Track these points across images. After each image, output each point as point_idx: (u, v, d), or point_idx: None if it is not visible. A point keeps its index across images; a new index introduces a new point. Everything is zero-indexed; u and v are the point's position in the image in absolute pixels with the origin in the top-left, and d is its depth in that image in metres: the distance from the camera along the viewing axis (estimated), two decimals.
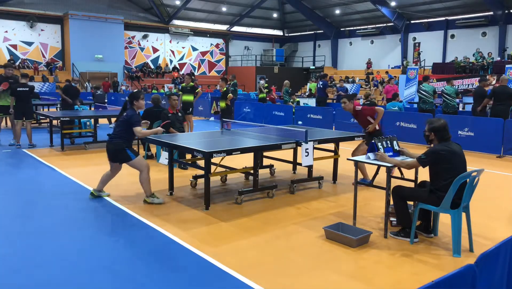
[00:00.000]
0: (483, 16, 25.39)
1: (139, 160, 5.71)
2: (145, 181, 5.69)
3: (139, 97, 5.80)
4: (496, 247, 2.60)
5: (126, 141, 5.71)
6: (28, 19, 27.18)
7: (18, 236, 4.61)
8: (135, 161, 5.67)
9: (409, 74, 20.84)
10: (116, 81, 27.66)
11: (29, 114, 10.05)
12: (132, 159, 5.66)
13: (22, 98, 9.77)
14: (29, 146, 10.00)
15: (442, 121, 4.36)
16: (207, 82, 32.11)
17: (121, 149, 5.64)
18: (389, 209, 4.70)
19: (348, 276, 3.78)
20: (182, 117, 8.87)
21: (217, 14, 33.43)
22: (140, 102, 5.81)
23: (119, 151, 5.65)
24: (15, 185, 6.78)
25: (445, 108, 12.03)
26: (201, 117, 18.61)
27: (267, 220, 5.23)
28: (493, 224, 5.23)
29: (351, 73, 31.22)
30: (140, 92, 5.93)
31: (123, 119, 5.72)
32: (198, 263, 3.98)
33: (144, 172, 5.67)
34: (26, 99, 9.86)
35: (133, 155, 5.67)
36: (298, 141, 6.07)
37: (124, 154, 5.65)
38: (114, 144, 5.69)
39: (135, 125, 5.61)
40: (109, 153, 5.78)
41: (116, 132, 5.74)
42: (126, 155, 5.65)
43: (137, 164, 5.69)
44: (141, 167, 5.68)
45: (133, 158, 5.66)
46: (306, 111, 14.62)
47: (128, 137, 5.71)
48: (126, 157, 5.66)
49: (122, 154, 5.65)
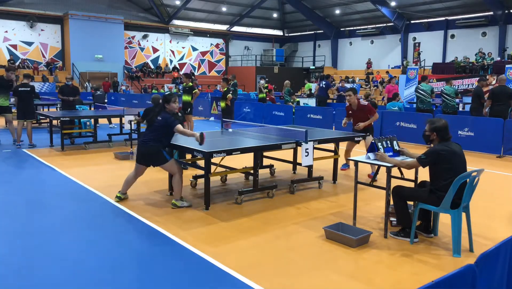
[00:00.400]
0: (483, 16, 25.39)
1: (174, 163, 5.73)
2: (177, 183, 5.70)
3: (170, 100, 5.82)
4: (496, 247, 2.59)
5: (162, 143, 5.69)
6: (28, 19, 27.17)
7: (18, 236, 4.61)
8: (170, 163, 5.68)
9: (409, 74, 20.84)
10: (116, 81, 27.66)
11: (31, 114, 10.08)
12: (168, 161, 5.66)
13: (24, 98, 9.80)
14: (29, 146, 10.00)
15: (443, 121, 4.36)
16: (207, 82, 32.11)
17: (158, 151, 5.62)
18: (389, 209, 4.70)
19: (348, 276, 3.78)
20: (182, 117, 8.86)
21: (217, 14, 33.43)
22: (172, 105, 5.83)
23: (156, 153, 5.62)
24: (15, 185, 6.78)
25: (445, 109, 12.02)
26: (201, 117, 18.61)
27: (267, 220, 5.23)
28: (493, 224, 5.23)
29: (351, 73, 31.22)
30: (172, 96, 5.93)
31: (158, 124, 5.69)
32: (198, 263, 3.98)
33: (177, 175, 5.69)
34: (27, 99, 9.88)
35: (169, 157, 5.69)
36: (298, 141, 6.07)
37: (161, 156, 5.63)
38: (150, 147, 5.63)
39: (175, 124, 5.62)
40: (143, 156, 5.73)
41: (151, 136, 5.69)
42: (163, 157, 5.63)
43: (172, 166, 5.70)
44: (175, 169, 5.70)
45: (169, 160, 5.66)
46: (306, 111, 14.62)
47: (164, 141, 5.70)
48: (163, 159, 5.64)
49: (159, 156, 5.63)
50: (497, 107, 10.44)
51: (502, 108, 10.39)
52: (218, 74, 35.00)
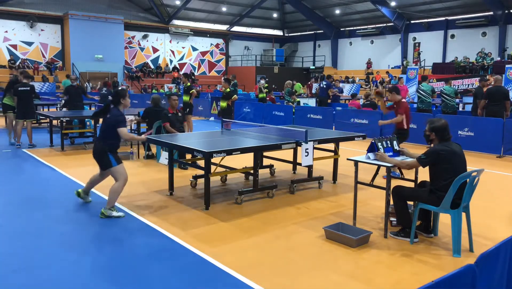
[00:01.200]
0: (483, 16, 25.39)
1: (120, 169, 5.21)
2: (116, 191, 5.17)
3: (125, 95, 5.37)
4: (496, 247, 2.59)
5: (110, 145, 5.23)
6: (28, 19, 27.17)
7: (18, 236, 4.61)
8: (116, 168, 5.19)
9: (409, 74, 20.86)
10: (116, 81, 27.66)
11: (31, 114, 10.09)
12: (112, 166, 5.18)
13: (23, 98, 9.80)
14: (29, 146, 10.00)
15: (443, 121, 4.36)
16: (207, 82, 32.11)
17: (103, 153, 5.19)
18: (389, 209, 4.70)
19: (348, 276, 3.78)
20: (182, 117, 8.88)
21: (217, 14, 33.43)
22: (127, 100, 5.39)
23: (100, 153, 5.21)
24: (15, 184, 6.78)
25: (445, 108, 12.02)
26: (201, 117, 18.61)
27: (267, 220, 5.23)
28: (493, 224, 5.23)
29: (351, 73, 31.22)
30: (126, 90, 5.55)
31: (108, 120, 5.23)
32: (198, 263, 3.98)
33: (120, 182, 5.19)
34: (27, 99, 9.89)
35: (114, 162, 5.19)
36: (298, 141, 6.07)
37: (105, 159, 5.18)
38: (97, 147, 5.26)
39: (121, 126, 5.15)
40: (93, 157, 5.32)
41: (100, 135, 5.31)
42: (108, 161, 5.17)
43: (117, 172, 5.20)
44: (119, 176, 5.20)
45: (114, 165, 5.18)
46: (306, 111, 14.62)
47: (113, 141, 5.23)
48: (107, 162, 5.18)
49: (103, 158, 5.20)
50: (493, 107, 10.42)
51: (497, 108, 10.38)
52: (218, 74, 35.00)
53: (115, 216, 5.16)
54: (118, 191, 5.21)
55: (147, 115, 8.97)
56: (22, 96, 9.79)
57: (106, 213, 5.17)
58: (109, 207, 5.19)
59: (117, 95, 5.36)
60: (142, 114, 9.18)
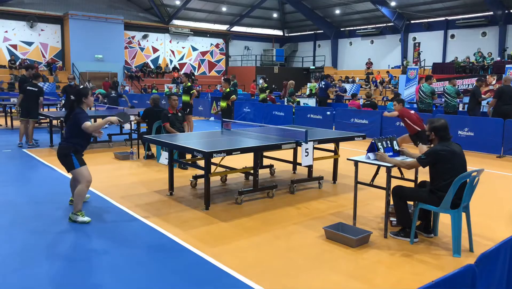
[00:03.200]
0: (483, 16, 25.39)
1: (83, 171, 5.04)
2: (80, 194, 5.01)
3: (88, 93, 5.21)
4: (496, 247, 2.59)
5: (74, 145, 5.04)
6: (28, 19, 27.17)
7: (18, 235, 4.61)
8: (78, 170, 5.02)
9: (409, 74, 20.85)
10: (116, 81, 27.66)
11: (34, 114, 10.11)
12: (75, 168, 5.01)
13: (30, 98, 9.85)
14: (29, 146, 10.00)
15: (442, 121, 4.36)
16: (207, 82, 32.10)
17: (66, 154, 5.01)
18: (389, 209, 4.70)
19: (348, 276, 3.78)
20: (182, 117, 8.87)
21: (217, 14, 33.42)
22: (90, 99, 5.22)
23: (64, 156, 5.02)
24: (15, 184, 6.78)
25: (446, 108, 11.97)
26: (201, 117, 18.61)
27: (267, 220, 5.23)
28: (493, 224, 5.23)
29: (351, 73, 31.21)
30: (88, 88, 5.32)
31: (71, 120, 5.07)
32: (198, 263, 3.98)
33: (83, 185, 5.02)
34: (34, 99, 9.93)
35: (77, 163, 5.01)
36: (298, 141, 6.07)
37: (68, 160, 5.00)
38: (60, 148, 5.07)
39: (83, 121, 4.93)
40: (58, 158, 5.14)
41: (64, 135, 5.17)
42: (70, 162, 4.99)
43: (79, 174, 5.03)
44: (82, 178, 5.03)
45: (76, 167, 5.00)
46: (306, 111, 14.62)
47: (76, 141, 5.05)
48: (69, 163, 5.00)
49: (66, 159, 5.02)
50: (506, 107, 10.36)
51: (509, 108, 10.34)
52: (218, 74, 34.99)
53: (79, 221, 5.00)
54: (82, 195, 5.05)
55: (147, 115, 8.97)
56: (29, 96, 9.82)
57: (72, 218, 5.05)
58: (75, 211, 5.05)
59: (79, 94, 5.18)
60: (142, 114, 9.18)
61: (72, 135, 5.06)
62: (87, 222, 5.03)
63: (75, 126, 5.00)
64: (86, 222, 5.02)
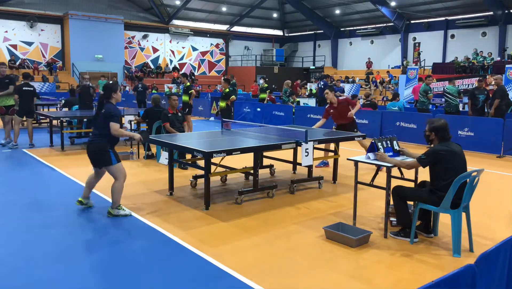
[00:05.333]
0: (483, 16, 25.40)
1: (119, 167, 5.15)
2: (118, 190, 5.13)
3: (117, 89, 5.26)
4: (496, 247, 2.59)
5: (109, 142, 5.11)
6: (28, 19, 27.17)
7: (18, 235, 4.61)
8: (116, 166, 5.11)
9: (409, 74, 20.85)
10: (116, 81, 27.64)
11: (31, 114, 10.11)
12: (112, 164, 5.09)
13: (27, 98, 9.83)
14: (29, 146, 10.00)
15: (442, 121, 4.36)
16: (207, 82, 32.10)
17: (103, 150, 5.06)
18: (389, 209, 4.70)
19: (348, 276, 3.78)
20: (182, 117, 8.88)
21: (217, 14, 33.43)
22: (118, 94, 5.25)
23: (101, 152, 5.08)
24: (15, 184, 6.78)
25: (448, 108, 11.87)
26: (201, 117, 18.61)
27: (267, 220, 5.22)
28: (493, 224, 5.23)
29: (351, 73, 31.22)
30: (117, 84, 5.44)
31: (103, 116, 5.08)
32: (198, 263, 3.98)
33: (120, 181, 5.15)
34: (30, 98, 9.92)
35: (115, 159, 5.10)
36: (298, 141, 6.07)
37: (106, 156, 5.06)
38: (95, 144, 5.11)
39: (114, 120, 5.01)
40: (90, 155, 5.21)
41: (97, 131, 5.18)
42: (108, 158, 5.06)
43: (116, 171, 5.13)
44: (119, 174, 5.14)
45: (114, 163, 5.09)
46: (306, 111, 14.62)
47: (111, 136, 5.09)
48: (107, 160, 5.07)
49: (104, 156, 5.07)
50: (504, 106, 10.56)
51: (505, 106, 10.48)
52: (218, 74, 35.00)
53: (122, 215, 5.17)
54: (120, 190, 5.19)
55: (147, 115, 8.97)
56: (26, 96, 9.79)
57: (114, 212, 5.18)
58: (115, 206, 5.20)
59: (108, 90, 5.22)
60: (142, 114, 9.18)
61: (106, 131, 5.04)
62: (129, 215, 5.21)
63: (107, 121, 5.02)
64: (128, 215, 5.20)
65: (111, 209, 5.20)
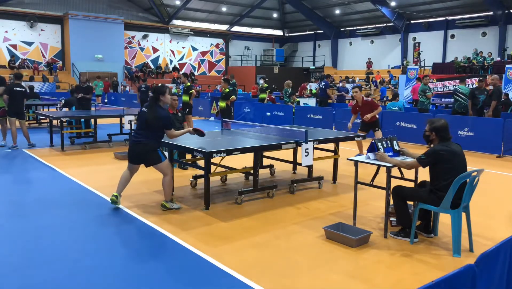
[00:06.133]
0: (483, 16, 25.40)
1: (167, 163, 5.48)
2: (168, 184, 5.46)
3: (165, 91, 5.38)
4: (496, 247, 2.59)
5: (157, 141, 5.42)
6: (28, 19, 27.18)
7: (18, 235, 4.61)
8: (165, 163, 5.42)
9: (409, 74, 20.87)
10: (116, 81, 27.66)
11: (22, 115, 10.02)
12: (162, 161, 5.40)
13: (17, 99, 9.77)
14: (28, 146, 9.99)
15: (442, 121, 4.36)
16: (207, 82, 32.12)
17: (153, 150, 5.34)
18: (389, 209, 4.70)
19: (348, 276, 3.78)
20: (182, 117, 8.87)
21: (217, 14, 33.44)
22: (167, 97, 5.42)
23: (151, 152, 5.34)
24: (15, 184, 6.78)
25: (458, 108, 11.59)
26: (201, 117, 18.61)
27: (267, 220, 5.22)
28: (493, 224, 5.23)
29: (351, 73, 31.23)
30: (165, 86, 5.51)
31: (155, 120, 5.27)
32: (198, 263, 3.98)
33: (169, 176, 5.46)
34: (21, 99, 9.88)
35: (163, 157, 5.44)
36: (298, 141, 6.07)
37: (156, 155, 5.36)
38: (144, 145, 5.31)
39: (169, 128, 5.35)
40: (137, 155, 5.39)
41: (143, 132, 5.34)
42: (158, 156, 5.36)
43: (164, 167, 5.42)
44: (167, 170, 5.44)
45: (163, 160, 5.41)
46: (306, 111, 14.62)
47: (158, 138, 5.43)
48: (157, 158, 5.36)
49: (154, 155, 5.35)
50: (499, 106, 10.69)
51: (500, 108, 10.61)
52: (218, 74, 35.01)
53: (175, 208, 5.48)
54: (171, 184, 5.52)
55: None
56: (17, 97, 9.73)
57: (168, 205, 5.48)
58: (168, 199, 5.51)
59: (156, 92, 5.40)
60: None
61: (156, 135, 5.37)
62: (179, 208, 5.54)
63: (161, 127, 5.32)
64: (179, 208, 5.52)
65: (165, 202, 5.50)
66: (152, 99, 5.42)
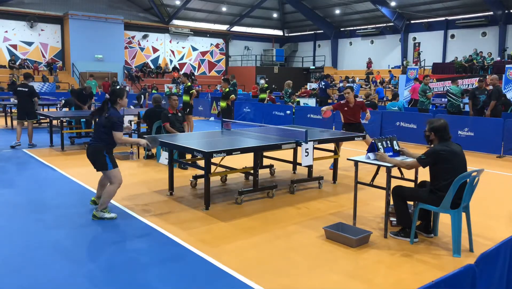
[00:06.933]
0: (483, 16, 25.39)
1: (115, 172, 5.12)
2: (110, 194, 5.11)
3: (123, 95, 5.19)
4: (496, 247, 2.59)
5: (107, 145, 5.09)
6: (28, 19, 27.17)
7: (18, 235, 4.61)
8: (112, 172, 5.09)
9: (409, 74, 20.86)
10: (116, 81, 27.65)
11: (32, 114, 10.08)
12: (108, 169, 5.07)
13: (23, 99, 9.81)
14: (29, 146, 9.99)
15: (442, 121, 4.36)
16: (207, 82, 32.11)
17: (100, 154, 5.04)
18: (389, 209, 4.70)
19: (348, 276, 3.78)
20: (182, 117, 8.88)
21: (217, 14, 33.42)
22: (124, 100, 5.21)
23: (98, 155, 5.06)
24: (15, 184, 6.78)
25: (450, 108, 11.86)
26: (201, 117, 18.61)
27: (267, 220, 5.23)
28: (493, 224, 5.23)
29: (351, 73, 31.21)
30: (124, 90, 5.38)
31: (106, 121, 5.05)
32: (198, 263, 3.98)
33: (115, 185, 5.12)
34: (26, 99, 9.88)
35: (111, 165, 5.07)
36: (298, 141, 6.07)
37: (102, 160, 5.04)
38: (94, 147, 5.09)
39: (118, 130, 5.02)
40: (88, 156, 5.17)
41: (96, 134, 5.16)
42: (104, 162, 5.04)
43: (112, 176, 5.11)
44: (114, 179, 5.11)
45: (109, 168, 5.07)
46: (306, 111, 14.62)
47: (109, 141, 5.09)
48: (104, 164, 5.05)
49: (100, 159, 5.05)
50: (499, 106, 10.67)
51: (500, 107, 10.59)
52: (218, 74, 35.00)
53: (107, 218, 5.09)
54: (112, 194, 5.15)
55: (148, 115, 8.97)
56: (21, 96, 9.80)
57: (98, 215, 5.10)
58: (101, 208, 5.12)
59: (113, 95, 5.18)
60: (143, 114, 9.19)
61: (105, 135, 5.06)
62: (115, 217, 5.13)
63: (110, 128, 5.02)
64: (114, 218, 5.12)
65: (96, 211, 5.13)
66: (106, 102, 5.18)
